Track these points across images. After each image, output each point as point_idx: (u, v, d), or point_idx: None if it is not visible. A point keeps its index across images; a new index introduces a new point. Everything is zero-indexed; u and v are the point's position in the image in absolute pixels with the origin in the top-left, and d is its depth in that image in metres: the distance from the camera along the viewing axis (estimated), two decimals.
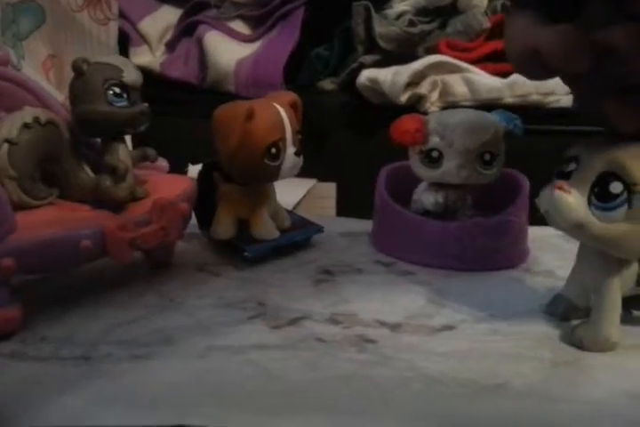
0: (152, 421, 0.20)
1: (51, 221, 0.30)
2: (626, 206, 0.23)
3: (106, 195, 0.32)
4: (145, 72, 0.36)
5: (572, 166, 0.24)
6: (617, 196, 0.22)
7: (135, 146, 0.36)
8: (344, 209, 0.56)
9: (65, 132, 0.32)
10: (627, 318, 0.27)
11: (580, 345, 0.26)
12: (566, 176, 0.24)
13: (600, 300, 0.25)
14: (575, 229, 0.24)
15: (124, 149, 0.32)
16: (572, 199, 0.23)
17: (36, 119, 0.31)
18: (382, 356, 0.25)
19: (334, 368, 0.25)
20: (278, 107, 0.35)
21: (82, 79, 0.31)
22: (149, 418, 0.20)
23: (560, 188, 0.24)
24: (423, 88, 0.61)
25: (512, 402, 0.22)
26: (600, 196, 0.23)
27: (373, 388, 0.23)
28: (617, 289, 0.25)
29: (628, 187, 0.22)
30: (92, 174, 0.32)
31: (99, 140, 0.33)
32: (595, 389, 0.23)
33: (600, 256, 0.25)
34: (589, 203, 0.23)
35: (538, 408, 0.22)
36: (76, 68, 0.31)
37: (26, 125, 0.30)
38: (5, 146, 0.30)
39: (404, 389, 0.23)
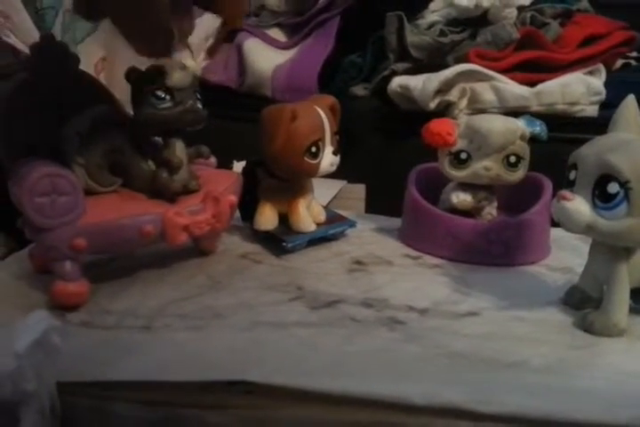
0: (214, 377, 0.23)
1: (116, 206, 0.33)
2: (625, 203, 0.25)
3: (161, 185, 0.35)
4: None
5: (573, 174, 0.27)
6: (615, 195, 0.25)
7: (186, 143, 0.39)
8: (372, 210, 0.59)
9: (130, 127, 0.35)
10: (638, 310, 0.29)
11: (590, 330, 0.28)
12: (572, 184, 0.27)
13: (610, 289, 0.27)
14: (586, 230, 0.26)
15: (180, 146, 0.35)
16: (576, 205, 0.26)
17: (104, 115, 0.34)
18: (411, 335, 0.28)
19: (367, 343, 0.27)
20: (319, 109, 0.38)
21: (133, 86, 0.34)
22: (209, 375, 0.23)
23: (563, 197, 0.26)
24: (452, 95, 0.63)
25: (530, 376, 0.24)
26: (601, 197, 0.26)
27: (402, 360, 0.26)
28: (625, 279, 0.27)
29: (623, 185, 0.25)
30: (152, 167, 0.35)
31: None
32: (607, 369, 0.25)
33: (609, 250, 0.27)
34: (594, 205, 0.26)
35: (554, 383, 0.24)
36: (126, 77, 0.34)
37: (95, 120, 0.34)
38: (76, 137, 0.34)
39: (429, 362, 0.25)
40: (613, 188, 0.25)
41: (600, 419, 0.22)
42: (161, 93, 0.33)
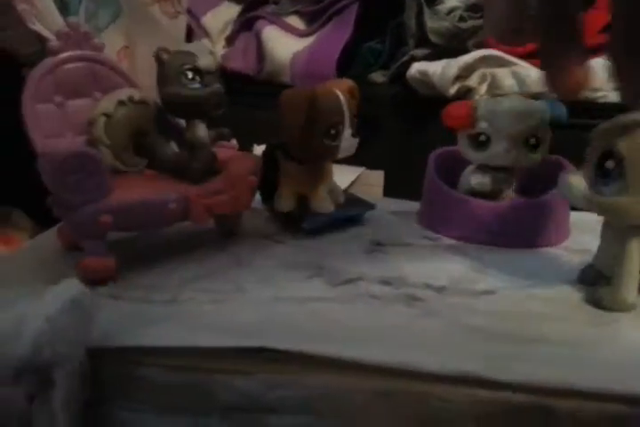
0: (237, 343, 0.24)
1: (141, 186, 0.34)
2: (620, 180, 0.25)
3: (184, 166, 0.36)
4: None
5: (587, 150, 0.27)
6: (611, 171, 0.25)
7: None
8: (390, 196, 0.59)
9: (154, 110, 0.36)
10: None
11: (599, 304, 0.29)
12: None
13: (619, 265, 0.28)
14: (585, 203, 0.27)
15: (203, 128, 0.36)
16: (576, 179, 0.27)
17: (130, 98, 0.35)
18: (428, 311, 0.29)
19: (385, 318, 0.28)
20: (338, 92, 0.38)
21: (162, 66, 0.35)
22: (234, 342, 0.24)
23: (567, 172, 0.28)
24: (472, 81, 0.63)
25: (547, 349, 0.25)
26: (599, 173, 0.26)
27: (419, 334, 0.26)
28: (635, 256, 0.27)
29: (620, 162, 0.25)
30: (175, 149, 0.36)
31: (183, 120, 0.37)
32: (625, 343, 0.26)
33: (619, 228, 0.28)
34: (595, 180, 0.26)
35: (571, 354, 0.24)
36: (158, 57, 0.35)
37: (121, 102, 0.35)
38: (102, 118, 0.35)
39: (446, 335, 0.26)
40: (610, 164, 0.26)
41: (614, 388, 0.22)
42: (191, 74, 0.34)
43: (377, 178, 0.66)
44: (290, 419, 0.24)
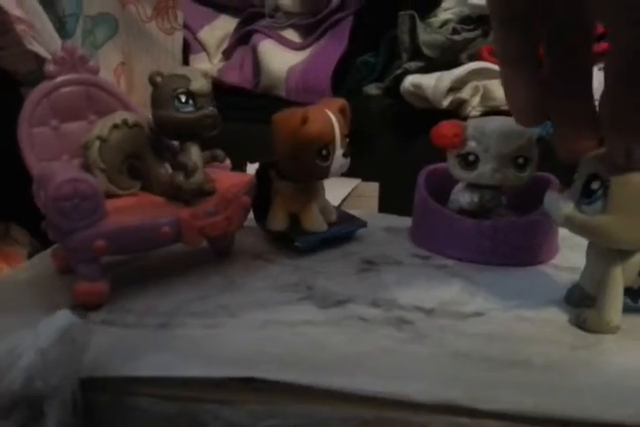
0: (227, 374, 0.24)
1: (135, 209, 0.35)
2: (603, 200, 0.26)
3: (178, 189, 0.36)
4: None
5: (575, 175, 0.28)
6: (595, 191, 0.26)
7: (202, 146, 0.41)
8: (386, 208, 0.60)
9: (148, 133, 0.37)
10: (638, 309, 0.29)
11: (583, 327, 0.29)
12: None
13: (603, 287, 0.28)
14: (565, 222, 0.27)
15: (196, 150, 0.37)
16: (561, 197, 0.27)
17: (125, 121, 0.36)
18: (416, 334, 0.29)
19: (374, 342, 0.28)
20: (329, 112, 0.39)
21: (156, 89, 0.36)
22: (223, 372, 0.25)
23: (554, 188, 0.28)
24: (465, 93, 0.63)
25: (530, 374, 0.25)
26: (583, 193, 0.27)
27: (405, 359, 0.27)
28: (618, 278, 0.28)
29: (604, 183, 0.26)
30: (169, 171, 0.37)
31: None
32: (610, 368, 0.26)
33: (603, 249, 0.28)
34: (579, 200, 0.27)
35: (554, 381, 0.25)
36: (151, 80, 0.36)
37: (115, 126, 0.36)
38: (97, 142, 0.35)
39: (432, 361, 0.26)
40: (595, 184, 0.26)
41: (598, 417, 0.22)
42: (184, 98, 0.35)
43: (372, 190, 0.67)
44: None
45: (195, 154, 0.36)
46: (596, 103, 0.26)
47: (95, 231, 0.32)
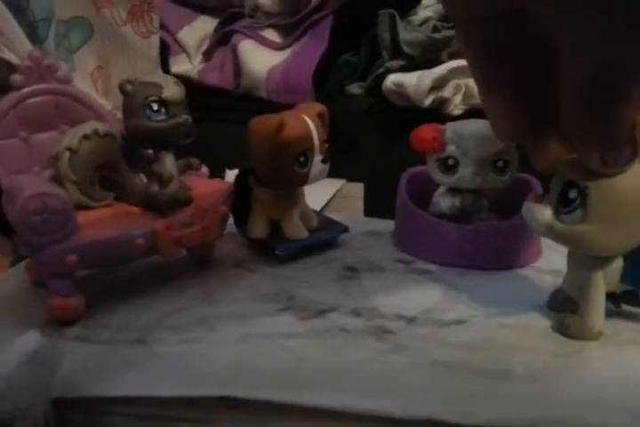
0: (201, 393, 0.24)
1: (109, 221, 0.34)
2: (581, 209, 0.25)
3: (153, 199, 0.36)
4: (183, 80, 0.40)
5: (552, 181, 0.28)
6: (574, 200, 0.25)
7: (178, 153, 0.40)
8: (371, 208, 0.59)
9: (121, 142, 0.36)
10: (621, 313, 0.29)
11: (566, 333, 0.29)
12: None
13: (586, 293, 0.28)
14: (546, 232, 0.27)
15: (170, 159, 0.36)
16: (539, 206, 0.27)
17: (96, 131, 0.35)
18: (397, 345, 0.29)
19: (355, 354, 0.28)
20: (307, 118, 0.38)
21: (127, 98, 0.35)
22: (198, 391, 0.24)
23: (531, 197, 0.28)
24: (447, 91, 0.63)
25: (511, 385, 0.25)
26: (561, 201, 0.26)
27: (385, 371, 0.26)
28: (600, 283, 0.27)
29: (582, 191, 0.25)
30: (144, 180, 0.36)
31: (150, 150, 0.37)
32: (591, 376, 0.26)
33: (584, 255, 0.28)
34: (558, 209, 0.26)
35: (535, 392, 0.25)
36: (122, 88, 0.35)
37: (85, 136, 0.35)
38: (67, 153, 0.34)
39: (412, 372, 0.26)
40: (573, 193, 0.26)
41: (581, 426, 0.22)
42: (156, 106, 0.34)
43: (357, 190, 0.66)
44: None
45: (169, 163, 0.36)
46: None
47: (66, 246, 0.31)
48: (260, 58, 0.72)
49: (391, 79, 0.65)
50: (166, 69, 0.74)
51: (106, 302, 0.33)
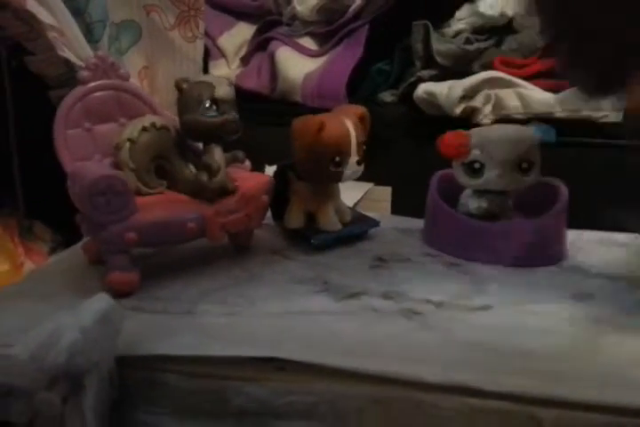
0: (249, 353, 0.26)
1: (163, 206, 0.37)
2: None
3: (202, 188, 0.39)
4: None
5: None
6: None
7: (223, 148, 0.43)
8: (398, 211, 0.61)
9: (174, 135, 0.39)
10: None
11: None
12: None
13: None
14: None
15: (219, 152, 0.39)
16: None
17: (153, 124, 0.38)
18: (426, 324, 0.31)
19: (386, 330, 0.30)
20: (347, 120, 0.40)
21: (182, 95, 0.38)
22: (245, 352, 0.27)
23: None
24: (477, 101, 0.65)
25: (535, 362, 0.27)
26: None
27: (416, 345, 0.28)
28: None
29: None
30: (194, 171, 0.39)
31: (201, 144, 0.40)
32: (606, 357, 0.28)
33: None
34: None
35: (556, 369, 0.26)
36: (178, 86, 0.38)
37: (144, 128, 0.38)
38: (127, 144, 0.38)
39: (442, 349, 0.28)
40: None
41: (596, 400, 0.24)
42: (209, 104, 0.37)
43: (385, 194, 0.69)
44: (296, 424, 0.26)
45: (218, 155, 0.39)
46: None
47: (127, 225, 0.34)
48: (297, 64, 0.75)
49: (423, 88, 0.67)
50: (206, 73, 0.77)
51: (158, 278, 0.36)
